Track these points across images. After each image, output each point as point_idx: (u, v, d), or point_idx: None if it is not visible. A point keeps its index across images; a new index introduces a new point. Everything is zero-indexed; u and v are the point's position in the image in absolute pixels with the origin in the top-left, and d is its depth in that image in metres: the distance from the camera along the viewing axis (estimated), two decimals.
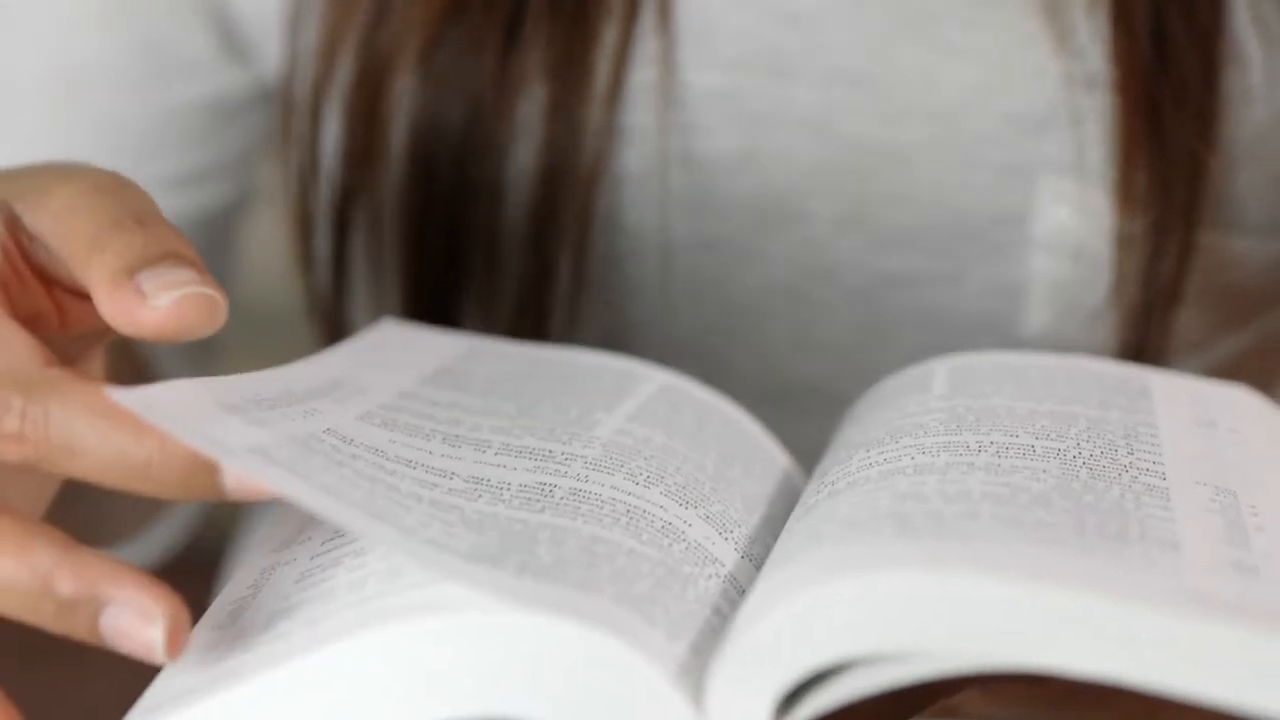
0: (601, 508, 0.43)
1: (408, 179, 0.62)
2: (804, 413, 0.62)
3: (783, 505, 0.49)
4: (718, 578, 0.43)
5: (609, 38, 0.61)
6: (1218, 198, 0.61)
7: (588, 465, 0.46)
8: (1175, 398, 0.50)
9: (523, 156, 0.61)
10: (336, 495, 0.40)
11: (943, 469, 0.43)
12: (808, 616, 0.38)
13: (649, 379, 0.53)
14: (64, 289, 0.45)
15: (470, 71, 0.61)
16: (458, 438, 0.47)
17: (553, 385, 0.52)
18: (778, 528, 0.47)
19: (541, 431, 0.48)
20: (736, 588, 0.43)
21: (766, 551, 0.45)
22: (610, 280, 0.63)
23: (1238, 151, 0.61)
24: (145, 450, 0.39)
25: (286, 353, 0.52)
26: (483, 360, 0.54)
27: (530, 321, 0.63)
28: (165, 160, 0.66)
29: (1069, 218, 0.61)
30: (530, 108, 0.61)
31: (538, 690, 0.38)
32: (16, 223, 0.44)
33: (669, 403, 0.51)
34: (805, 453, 0.53)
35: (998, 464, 0.44)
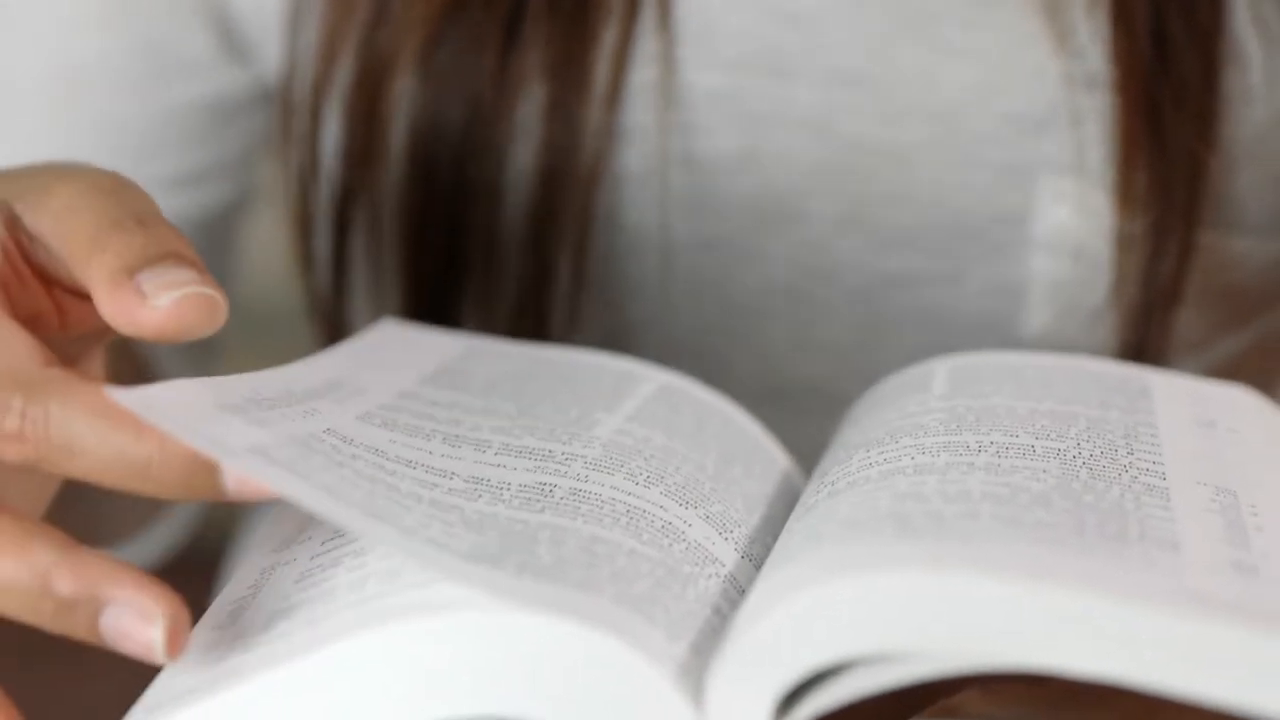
0: (601, 508, 0.43)
1: (407, 179, 0.62)
2: (804, 413, 0.62)
3: (783, 505, 0.49)
4: (718, 578, 0.43)
5: (608, 37, 0.61)
6: (1218, 198, 0.61)
7: (588, 465, 0.46)
8: (1175, 398, 0.50)
9: (522, 156, 0.61)
10: (336, 495, 0.40)
11: (943, 469, 0.43)
12: (808, 616, 0.38)
13: (649, 379, 0.53)
14: (64, 289, 0.45)
15: (470, 71, 0.61)
16: (458, 438, 0.47)
17: (553, 385, 0.52)
18: (778, 528, 0.47)
19: (541, 431, 0.48)
20: (736, 588, 0.43)
21: (766, 551, 0.45)
22: (610, 280, 0.63)
23: (1238, 151, 0.61)
24: (145, 450, 0.39)
25: (286, 353, 0.52)
26: (483, 360, 0.54)
27: (530, 321, 0.63)
28: (165, 160, 0.66)
29: (1069, 218, 0.61)
30: (530, 107, 0.61)
31: (538, 690, 0.38)
32: (16, 223, 0.44)
33: (669, 403, 0.51)
34: (805, 453, 0.53)
35: (998, 464, 0.44)
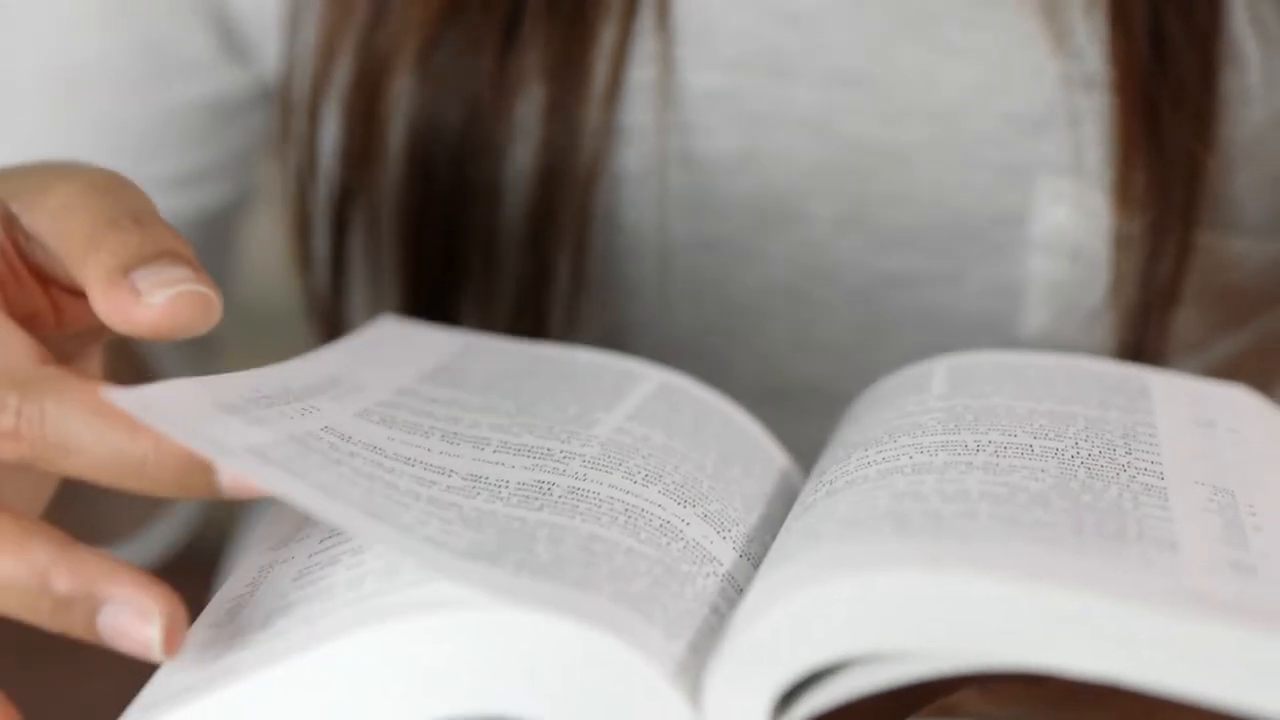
0: (600, 506, 0.43)
1: (406, 179, 0.62)
2: (804, 413, 0.62)
3: (781, 504, 0.49)
4: (716, 576, 0.43)
5: (607, 37, 0.61)
6: (1216, 198, 0.61)
7: (586, 463, 0.46)
8: (1174, 397, 0.50)
9: (521, 156, 0.61)
10: (334, 494, 0.40)
11: (941, 468, 0.43)
12: (806, 615, 0.38)
13: (648, 378, 0.53)
14: (61, 288, 0.45)
15: (468, 71, 0.61)
16: (456, 435, 0.47)
17: (552, 383, 0.52)
18: (776, 527, 0.47)
19: (540, 429, 0.48)
20: (734, 586, 0.43)
21: (765, 550, 0.45)
22: (609, 280, 0.63)
23: (1236, 152, 0.61)
24: (140, 448, 0.39)
25: (286, 353, 0.52)
26: (481, 358, 0.54)
27: (529, 321, 0.63)
28: (165, 160, 0.66)
29: (1067, 218, 0.61)
30: (528, 108, 0.61)
31: (535, 688, 0.38)
32: (13, 221, 0.44)
33: (668, 402, 0.51)
34: (805, 453, 0.53)
35: (996, 463, 0.44)
